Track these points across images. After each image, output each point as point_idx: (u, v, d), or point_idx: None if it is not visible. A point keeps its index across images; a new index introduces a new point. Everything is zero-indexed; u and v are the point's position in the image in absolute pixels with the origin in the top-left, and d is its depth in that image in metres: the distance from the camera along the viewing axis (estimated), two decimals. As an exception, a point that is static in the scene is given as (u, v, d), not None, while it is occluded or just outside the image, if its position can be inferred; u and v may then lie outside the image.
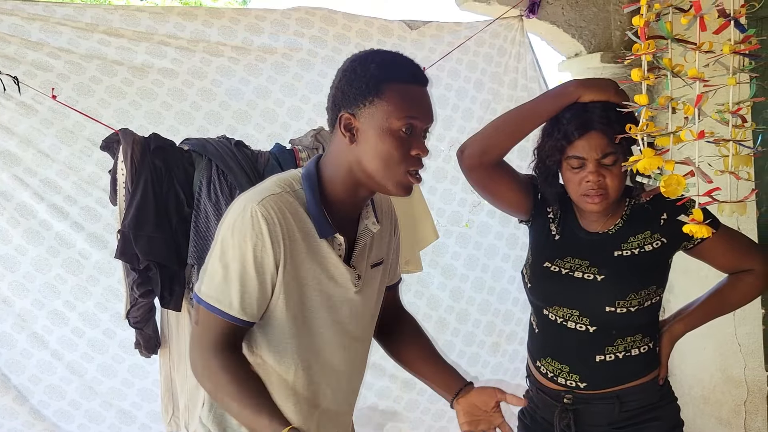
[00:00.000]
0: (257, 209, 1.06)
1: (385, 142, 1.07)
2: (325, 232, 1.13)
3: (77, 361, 2.21)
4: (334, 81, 1.13)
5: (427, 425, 2.74)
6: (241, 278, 1.07)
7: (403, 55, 1.13)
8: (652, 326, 1.47)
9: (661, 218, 1.39)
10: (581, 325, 1.42)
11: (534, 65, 2.71)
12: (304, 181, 1.14)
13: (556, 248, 1.46)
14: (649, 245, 1.40)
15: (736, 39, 1.11)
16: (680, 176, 1.15)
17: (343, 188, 1.14)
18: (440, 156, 2.66)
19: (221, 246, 1.09)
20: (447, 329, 2.73)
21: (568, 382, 1.44)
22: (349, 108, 1.09)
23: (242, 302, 1.08)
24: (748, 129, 1.18)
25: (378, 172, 1.09)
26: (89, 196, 2.16)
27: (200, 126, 2.26)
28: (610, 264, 1.40)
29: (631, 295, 1.37)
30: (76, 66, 2.12)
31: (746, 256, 1.46)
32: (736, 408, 2.73)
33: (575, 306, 1.42)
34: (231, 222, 1.09)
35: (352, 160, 1.11)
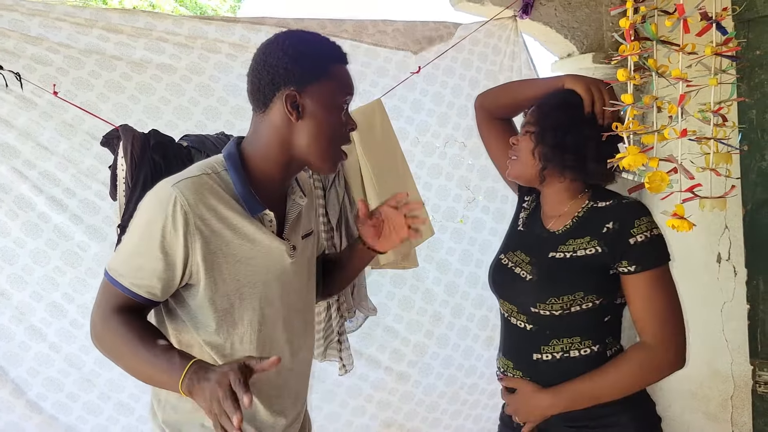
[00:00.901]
0: (172, 191, 1.09)
1: (330, 117, 1.15)
2: (254, 210, 1.16)
3: (75, 353, 2.21)
4: (263, 59, 1.15)
5: (422, 416, 2.77)
6: (146, 256, 1.10)
7: (328, 38, 1.20)
8: (593, 330, 1.36)
9: (605, 226, 1.32)
10: (520, 321, 1.41)
11: (529, 64, 2.74)
12: (228, 162, 1.16)
13: (514, 240, 1.51)
14: (582, 251, 1.34)
15: (718, 41, 1.15)
16: (664, 173, 1.20)
17: (275, 166, 1.17)
18: (435, 153, 2.69)
19: (134, 224, 1.13)
20: (442, 323, 2.76)
21: (515, 377, 1.43)
22: (294, 85, 1.13)
23: (143, 279, 1.10)
24: (729, 128, 1.22)
25: (319, 147, 1.16)
26: (88, 188, 2.17)
27: (198, 121, 2.28)
28: (542, 264, 1.39)
29: (551, 299, 1.33)
30: (75, 60, 2.14)
31: (652, 318, 1.29)
32: (723, 402, 2.78)
33: (513, 302, 1.43)
34: (146, 203, 1.13)
35: (292, 136, 1.15)
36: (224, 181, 1.15)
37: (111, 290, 1.13)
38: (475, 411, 2.86)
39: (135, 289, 1.11)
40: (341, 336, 2.35)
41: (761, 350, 1.87)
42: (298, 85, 1.13)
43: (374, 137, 2.33)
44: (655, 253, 1.29)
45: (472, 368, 2.84)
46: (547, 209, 1.46)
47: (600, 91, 1.33)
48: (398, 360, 2.69)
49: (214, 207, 1.12)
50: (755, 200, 1.80)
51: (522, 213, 1.54)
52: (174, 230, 1.08)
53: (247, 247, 1.16)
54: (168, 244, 1.09)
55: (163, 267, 1.10)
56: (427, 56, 2.53)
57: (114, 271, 1.13)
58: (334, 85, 1.15)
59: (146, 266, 1.10)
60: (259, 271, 1.19)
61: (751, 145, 1.78)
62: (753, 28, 1.73)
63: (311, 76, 1.13)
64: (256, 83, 1.16)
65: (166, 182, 1.12)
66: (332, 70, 1.15)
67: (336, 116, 1.16)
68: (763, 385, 1.87)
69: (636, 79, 1.21)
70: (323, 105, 1.14)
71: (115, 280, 1.12)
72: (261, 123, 1.18)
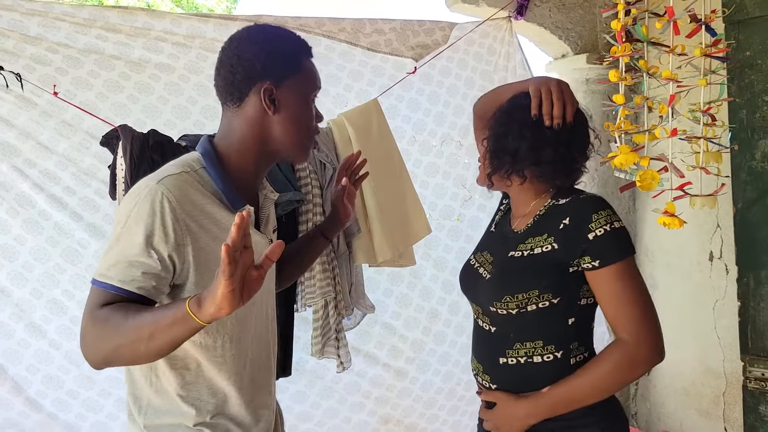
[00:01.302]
0: (156, 188, 1.07)
1: (304, 109, 1.20)
2: (236, 205, 1.16)
3: (75, 350, 2.20)
4: (237, 54, 1.17)
5: (419, 412, 2.80)
6: (134, 255, 1.05)
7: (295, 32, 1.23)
8: (558, 335, 1.32)
9: (562, 222, 1.30)
10: (485, 324, 1.40)
11: (523, 64, 2.77)
12: (205, 159, 1.17)
13: (483, 242, 1.53)
14: (539, 248, 1.32)
15: (707, 42, 1.18)
16: (655, 171, 1.22)
17: (250, 159, 1.20)
18: (432, 151, 2.72)
19: (118, 228, 1.08)
20: (439, 320, 2.79)
21: (483, 382, 1.43)
22: (271, 80, 1.16)
23: (133, 276, 1.05)
24: (719, 127, 1.25)
25: (294, 138, 1.20)
26: (88, 187, 2.18)
27: (197, 120, 2.30)
28: (500, 263, 1.38)
29: (506, 298, 1.32)
30: (75, 60, 2.15)
31: (622, 314, 1.26)
32: (716, 399, 2.82)
33: (477, 302, 1.44)
34: (129, 204, 1.08)
35: (269, 128, 1.18)
36: (203, 178, 1.15)
37: (97, 294, 1.06)
38: (472, 407, 2.89)
39: (124, 286, 1.05)
40: (339, 334, 2.37)
41: (752, 346, 1.90)
42: (275, 80, 1.16)
43: (370, 137, 2.35)
44: (617, 246, 1.25)
45: (468, 365, 2.85)
46: (514, 210, 1.46)
47: (549, 92, 1.30)
48: (396, 356, 2.72)
49: (199, 203, 1.12)
50: (746, 199, 1.83)
51: (497, 215, 1.57)
52: (163, 226, 1.06)
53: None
54: (157, 242, 1.06)
55: (153, 264, 1.06)
56: (424, 57, 2.56)
57: (101, 275, 1.07)
58: (307, 78, 1.20)
59: (135, 265, 1.05)
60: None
61: (742, 145, 1.81)
62: (743, 29, 1.76)
63: (287, 70, 1.17)
64: (230, 78, 1.17)
65: (149, 180, 1.10)
66: (304, 65, 1.20)
67: (308, 108, 1.21)
68: (753, 381, 1.91)
69: (627, 79, 1.24)
70: (298, 98, 1.18)
71: (102, 282, 1.06)
72: (235, 117, 1.19)
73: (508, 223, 1.47)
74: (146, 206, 1.06)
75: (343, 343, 2.38)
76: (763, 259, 1.96)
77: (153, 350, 1.01)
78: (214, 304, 0.91)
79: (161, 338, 0.99)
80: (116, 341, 1.01)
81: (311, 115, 1.23)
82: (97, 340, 1.03)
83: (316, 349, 2.32)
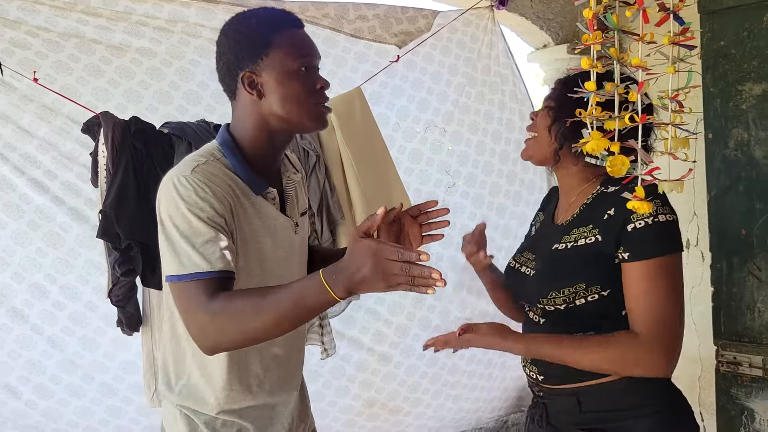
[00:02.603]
0: (192, 177, 1.09)
1: (289, 84, 1.15)
2: (259, 188, 1.19)
3: (58, 334, 2.21)
4: (218, 53, 1.19)
5: (404, 396, 2.84)
6: (204, 235, 1.07)
7: (274, 7, 1.20)
8: (609, 327, 1.25)
9: (607, 212, 1.26)
10: (536, 316, 1.38)
11: (506, 52, 2.80)
12: (224, 148, 1.19)
13: (523, 245, 1.50)
14: (583, 240, 1.27)
15: (675, 31, 1.21)
16: (624, 157, 1.25)
17: (260, 143, 1.20)
18: (416, 137, 2.74)
19: (172, 222, 1.08)
20: (423, 305, 2.82)
21: (531, 374, 1.39)
22: (247, 67, 1.16)
23: (214, 254, 1.06)
24: (686, 113, 1.28)
25: (292, 113, 1.17)
26: (69, 171, 2.17)
27: (179, 105, 2.29)
28: (544, 258, 1.34)
29: (551, 293, 1.27)
30: (54, 44, 2.13)
31: (646, 309, 1.19)
32: (691, 384, 2.88)
33: (524, 299, 1.42)
34: (171, 196, 1.09)
35: (265, 112, 1.17)
36: (225, 164, 1.17)
37: (191, 287, 1.05)
38: (455, 391, 2.94)
39: (215, 267, 1.05)
40: (323, 321, 2.39)
41: (724, 331, 1.95)
42: (250, 66, 1.15)
43: (354, 124, 2.36)
44: (656, 241, 1.19)
45: (452, 349, 2.90)
46: (562, 199, 1.42)
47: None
48: (380, 341, 2.75)
49: (230, 186, 1.14)
50: (719, 186, 1.87)
51: (534, 222, 1.54)
52: (212, 207, 1.08)
53: (264, 223, 1.20)
54: (216, 218, 1.08)
55: (223, 238, 1.08)
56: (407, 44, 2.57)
57: (185, 268, 1.06)
58: (284, 52, 1.15)
59: (210, 243, 1.06)
60: (279, 246, 1.22)
61: (716, 133, 1.85)
62: (717, 19, 1.80)
63: (258, 52, 1.15)
64: (220, 76, 1.21)
65: (182, 172, 1.10)
66: (277, 40, 1.16)
67: (297, 81, 1.16)
68: (725, 365, 1.96)
69: (598, 67, 1.26)
70: (279, 75, 1.15)
71: (191, 274, 1.05)
72: (236, 110, 1.22)
73: (551, 221, 1.43)
74: (191, 194, 1.08)
75: (327, 330, 2.40)
76: (735, 245, 2.01)
77: (294, 325, 1.04)
78: (367, 283, 0.94)
79: (303, 313, 1.01)
80: (258, 326, 1.02)
81: (303, 85, 1.17)
82: (231, 329, 1.03)
83: (299, 335, 2.35)
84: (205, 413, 1.21)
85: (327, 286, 0.96)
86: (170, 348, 1.24)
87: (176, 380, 1.23)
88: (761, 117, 1.76)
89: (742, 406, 1.85)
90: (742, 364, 1.90)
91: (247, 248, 1.17)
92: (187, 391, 1.22)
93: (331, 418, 2.71)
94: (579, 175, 1.35)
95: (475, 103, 2.81)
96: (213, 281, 1.05)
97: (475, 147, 2.85)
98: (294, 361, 1.34)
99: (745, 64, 1.78)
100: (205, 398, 1.21)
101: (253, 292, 1.05)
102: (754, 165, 1.79)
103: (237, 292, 1.06)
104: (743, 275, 1.83)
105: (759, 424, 1.84)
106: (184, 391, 1.22)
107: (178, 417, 1.22)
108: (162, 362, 1.27)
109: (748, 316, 1.86)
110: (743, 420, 1.93)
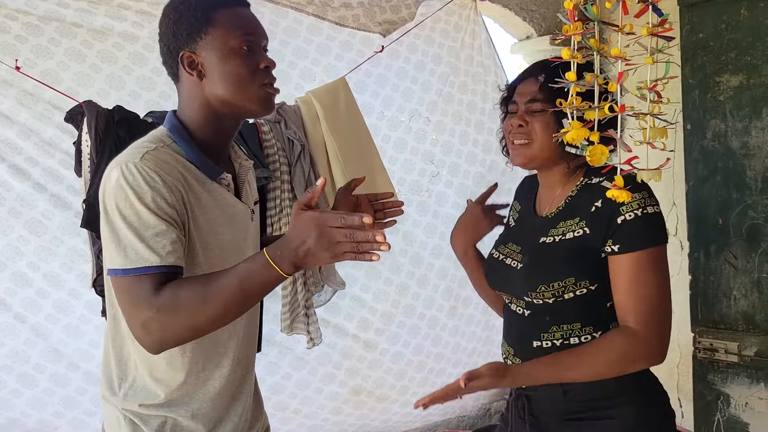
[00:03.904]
0: (142, 164, 1.03)
1: (230, 64, 1.10)
2: (214, 173, 1.13)
3: (42, 323, 2.19)
4: (159, 33, 1.14)
5: (390, 384, 2.86)
6: (154, 228, 1.01)
7: None
8: (595, 316, 1.26)
9: (594, 204, 1.25)
10: (519, 308, 1.36)
11: (489, 43, 2.80)
12: (174, 133, 1.13)
13: (505, 235, 1.47)
14: (571, 233, 1.26)
15: (654, 22, 1.23)
16: (604, 147, 1.27)
17: (208, 128, 1.14)
18: (401, 127, 2.74)
19: (118, 212, 1.02)
20: (408, 293, 2.85)
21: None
22: (187, 46, 1.11)
23: (162, 251, 1.01)
24: (664, 104, 1.30)
25: (235, 95, 1.11)
26: (51, 157, 2.14)
27: (162, 91, 2.26)
28: (531, 251, 1.32)
29: (541, 287, 1.26)
30: (34, 28, 2.09)
31: (638, 302, 1.18)
32: (670, 371, 2.94)
33: (508, 292, 1.39)
34: (119, 185, 1.02)
35: (207, 94, 1.12)
36: (176, 150, 1.11)
37: (137, 282, 0.99)
38: (441, 379, 2.96)
39: (163, 262, 1.00)
40: (308, 310, 2.40)
41: (701, 318, 1.99)
42: (189, 45, 1.10)
43: (338, 114, 2.37)
44: (645, 233, 1.19)
45: (437, 337, 2.93)
46: (542, 194, 1.40)
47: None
48: (365, 328, 2.77)
49: (182, 173, 1.08)
50: (698, 176, 1.91)
51: (511, 212, 1.52)
52: (162, 197, 1.02)
53: (223, 211, 1.15)
54: (167, 209, 1.02)
55: (174, 230, 1.03)
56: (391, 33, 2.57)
57: (131, 262, 1.00)
58: (224, 30, 1.10)
59: (160, 236, 1.01)
60: (237, 235, 1.18)
61: (694, 124, 1.88)
62: (696, 12, 1.82)
63: (195, 31, 1.10)
64: (162, 58, 1.16)
65: (129, 159, 1.04)
66: (217, 18, 1.10)
67: (238, 61, 1.10)
68: (702, 351, 2.00)
69: (578, 58, 1.28)
70: (219, 55, 1.10)
71: (137, 268, 0.99)
72: (181, 93, 1.17)
73: (533, 212, 1.41)
74: (140, 183, 1.01)
75: (313, 320, 2.41)
76: (712, 234, 2.04)
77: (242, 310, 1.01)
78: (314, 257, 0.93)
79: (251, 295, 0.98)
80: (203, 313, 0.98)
81: (245, 65, 1.10)
82: (176, 320, 0.98)
83: (284, 325, 2.36)
84: (153, 415, 1.13)
85: (272, 262, 0.94)
86: (113, 347, 1.15)
87: (120, 382, 1.14)
88: (738, 108, 1.79)
89: (718, 391, 1.90)
90: (718, 351, 1.95)
91: (206, 239, 1.11)
92: (133, 393, 1.14)
93: (317, 406, 2.72)
94: (562, 169, 1.34)
95: (458, 93, 2.82)
96: (161, 276, 1.00)
97: (458, 137, 2.87)
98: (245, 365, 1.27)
99: (722, 56, 1.81)
100: (154, 399, 1.13)
101: (195, 281, 1.00)
102: (731, 155, 1.82)
103: (178, 283, 1.00)
104: (720, 264, 1.88)
105: (734, 408, 1.89)
106: (129, 394, 1.14)
107: (123, 423, 1.14)
108: (104, 363, 1.18)
109: (725, 303, 1.91)
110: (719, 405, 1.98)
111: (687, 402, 2.73)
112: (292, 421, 2.63)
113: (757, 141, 1.76)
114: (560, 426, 1.29)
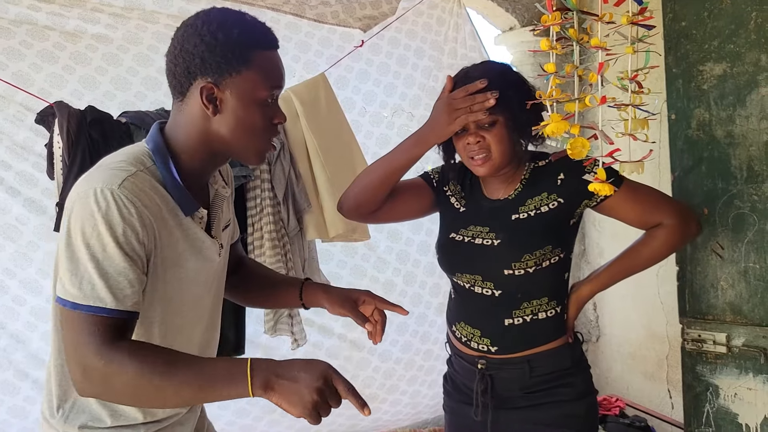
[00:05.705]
0: (120, 193, 0.95)
1: (250, 112, 1.04)
2: (189, 209, 1.07)
3: (20, 330, 2.15)
4: (180, 43, 1.04)
5: (379, 383, 2.84)
6: (117, 266, 0.95)
7: (255, 18, 1.08)
8: (558, 290, 1.47)
9: (558, 178, 1.42)
10: (487, 289, 1.44)
11: (474, 35, 2.78)
12: (156, 156, 1.05)
13: (460, 220, 1.51)
14: (545, 206, 1.42)
15: (634, 11, 1.20)
16: (585, 139, 1.25)
17: (198, 159, 1.08)
18: (383, 122, 2.71)
19: (82, 239, 0.94)
20: (395, 290, 2.82)
21: (480, 347, 1.46)
22: (211, 77, 1.02)
23: (121, 293, 0.95)
24: (646, 94, 1.28)
25: (240, 141, 1.06)
26: (25, 160, 2.09)
27: (138, 92, 2.23)
28: (507, 228, 1.43)
29: (525, 256, 1.39)
30: (5, 30, 2.05)
31: (655, 209, 1.46)
32: (659, 362, 2.94)
33: (477, 272, 1.45)
34: (90, 210, 0.95)
35: (211, 130, 1.05)
36: (155, 176, 1.04)
37: (89, 321, 0.93)
38: (431, 377, 2.95)
39: (120, 306, 0.94)
40: (292, 311, 2.37)
41: (689, 309, 1.97)
42: (214, 77, 1.02)
43: (319, 111, 2.33)
44: (615, 174, 1.39)
45: (426, 334, 2.91)
46: (487, 184, 1.50)
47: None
48: (352, 327, 2.73)
49: (158, 204, 1.02)
50: (683, 166, 1.88)
51: (452, 199, 1.55)
52: (134, 233, 0.96)
53: (191, 245, 1.09)
54: (132, 249, 0.96)
55: (134, 275, 0.96)
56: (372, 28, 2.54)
57: (86, 297, 0.93)
58: (258, 76, 1.03)
59: (121, 276, 0.95)
60: (201, 270, 1.12)
61: (678, 114, 1.86)
62: (678, 0, 1.80)
63: (230, 67, 1.01)
64: (172, 69, 1.05)
65: (106, 184, 0.96)
66: (255, 60, 1.03)
67: (259, 111, 1.05)
68: (690, 342, 1.98)
69: (557, 48, 1.25)
70: (244, 100, 1.03)
71: (91, 306, 0.93)
72: (179, 112, 1.08)
73: (482, 197, 1.50)
74: (113, 213, 0.94)
75: (297, 321, 2.38)
76: (699, 225, 2.03)
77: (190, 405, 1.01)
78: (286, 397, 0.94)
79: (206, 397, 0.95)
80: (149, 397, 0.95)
81: (263, 118, 1.05)
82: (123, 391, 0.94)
83: (268, 326, 2.32)
84: None
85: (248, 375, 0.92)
86: (54, 365, 1.08)
87: (60, 402, 1.07)
88: (721, 97, 1.77)
89: (707, 382, 1.89)
90: (706, 342, 1.93)
91: (167, 273, 1.05)
92: (74, 414, 1.07)
93: (305, 407, 2.69)
94: (517, 160, 1.45)
95: (442, 87, 2.78)
96: (114, 321, 0.94)
97: (444, 132, 2.83)
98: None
99: (705, 45, 1.78)
100: (98, 423, 1.07)
101: (158, 358, 0.94)
102: (715, 145, 1.80)
103: (140, 349, 0.95)
104: (706, 254, 1.86)
105: (723, 399, 1.88)
106: (71, 416, 1.07)
107: None
108: (46, 379, 1.11)
109: (712, 294, 1.89)
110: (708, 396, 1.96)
111: (677, 394, 2.73)
112: (280, 424, 2.60)
113: (742, 129, 1.74)
114: (522, 399, 1.45)
